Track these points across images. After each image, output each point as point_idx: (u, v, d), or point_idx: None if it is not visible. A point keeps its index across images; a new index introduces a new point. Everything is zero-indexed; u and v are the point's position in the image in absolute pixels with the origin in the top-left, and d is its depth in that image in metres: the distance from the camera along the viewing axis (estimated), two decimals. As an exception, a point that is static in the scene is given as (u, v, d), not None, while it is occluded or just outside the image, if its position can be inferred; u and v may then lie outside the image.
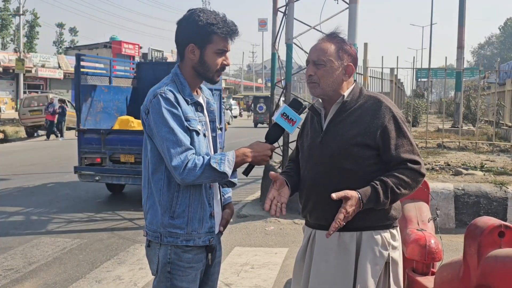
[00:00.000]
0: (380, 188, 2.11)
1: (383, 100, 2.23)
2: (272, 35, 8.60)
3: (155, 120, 2.11)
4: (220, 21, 2.18)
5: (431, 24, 48.85)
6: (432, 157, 8.79)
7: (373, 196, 2.11)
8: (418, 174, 2.16)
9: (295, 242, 5.79)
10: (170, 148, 2.06)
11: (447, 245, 5.01)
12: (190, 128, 2.14)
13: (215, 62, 2.21)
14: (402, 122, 2.21)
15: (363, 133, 2.17)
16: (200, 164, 2.06)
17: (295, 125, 2.26)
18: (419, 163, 2.17)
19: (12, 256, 5.39)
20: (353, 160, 2.17)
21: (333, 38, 2.27)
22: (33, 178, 10.59)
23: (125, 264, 5.12)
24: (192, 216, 2.19)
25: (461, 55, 14.33)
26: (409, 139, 2.19)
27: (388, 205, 2.16)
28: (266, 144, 2.23)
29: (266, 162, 2.23)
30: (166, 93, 2.13)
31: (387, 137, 2.16)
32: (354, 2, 7.23)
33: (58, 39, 54.28)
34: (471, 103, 16.98)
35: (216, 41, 2.18)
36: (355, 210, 2.12)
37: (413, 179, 2.15)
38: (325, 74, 2.23)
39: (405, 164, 2.15)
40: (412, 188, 2.17)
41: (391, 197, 2.13)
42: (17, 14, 35.78)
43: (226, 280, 4.60)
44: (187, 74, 2.23)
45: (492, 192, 6.26)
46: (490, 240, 2.15)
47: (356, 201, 2.10)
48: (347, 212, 2.10)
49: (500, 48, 78.56)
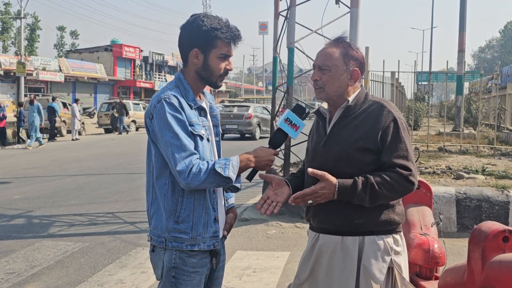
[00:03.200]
0: (360, 181, 2.10)
1: (386, 105, 2.23)
2: (273, 39, 8.62)
3: (159, 125, 2.11)
4: (223, 26, 2.19)
5: (432, 28, 48.95)
6: (433, 161, 8.79)
7: (351, 187, 2.10)
8: (405, 180, 2.12)
9: (297, 246, 5.79)
10: (174, 153, 2.06)
11: (449, 249, 5.00)
12: (194, 132, 2.15)
13: (218, 66, 2.22)
14: (402, 128, 2.19)
15: (365, 137, 2.17)
16: (204, 169, 2.07)
17: (299, 130, 2.27)
18: (409, 170, 2.13)
19: (14, 259, 5.39)
20: (354, 165, 2.17)
21: (339, 43, 2.28)
22: (34, 181, 10.59)
23: (127, 267, 5.12)
24: (197, 221, 2.19)
25: (462, 58, 14.36)
26: (405, 145, 2.17)
27: (368, 203, 2.12)
28: (269, 149, 2.24)
29: (269, 167, 2.24)
30: (170, 98, 2.13)
31: (384, 140, 2.16)
32: (355, 6, 7.24)
33: (59, 42, 54.32)
34: (472, 106, 17.00)
35: (220, 46, 2.19)
36: (326, 195, 2.12)
37: (398, 183, 2.11)
38: (330, 79, 2.24)
39: (394, 168, 2.13)
40: (397, 192, 2.13)
41: (370, 193, 2.09)
42: (18, 17, 35.79)
43: (228, 284, 4.60)
44: (191, 79, 2.24)
45: (494, 196, 6.26)
46: (494, 245, 2.16)
47: (331, 187, 2.11)
48: (316, 192, 2.11)
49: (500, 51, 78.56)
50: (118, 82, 46.76)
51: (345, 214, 2.19)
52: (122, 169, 12.41)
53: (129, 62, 49.29)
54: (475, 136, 11.84)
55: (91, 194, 9.08)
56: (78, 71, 41.94)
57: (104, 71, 45.16)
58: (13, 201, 8.49)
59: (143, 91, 48.93)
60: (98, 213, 7.60)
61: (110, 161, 14.01)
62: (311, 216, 2.33)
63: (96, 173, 11.77)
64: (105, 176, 11.38)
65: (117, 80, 46.52)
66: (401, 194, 2.17)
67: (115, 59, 47.17)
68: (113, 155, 15.66)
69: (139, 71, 50.80)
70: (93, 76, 43.19)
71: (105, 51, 47.71)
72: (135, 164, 12.89)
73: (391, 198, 2.18)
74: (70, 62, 42.67)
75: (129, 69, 49.32)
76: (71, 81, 40.94)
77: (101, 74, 44.52)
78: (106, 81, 44.94)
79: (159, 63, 52.74)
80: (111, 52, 47.17)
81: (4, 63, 34.89)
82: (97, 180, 10.81)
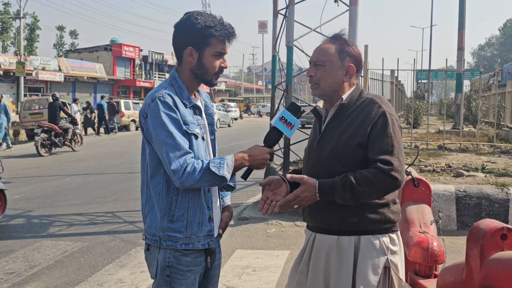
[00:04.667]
0: (340, 181, 2.10)
1: (377, 101, 2.21)
2: (272, 38, 8.61)
3: (153, 124, 2.10)
4: (217, 23, 2.19)
5: (431, 26, 48.96)
6: (433, 159, 8.79)
7: (330, 187, 2.11)
8: (386, 175, 2.05)
9: (296, 245, 5.78)
10: (169, 152, 2.06)
11: (449, 247, 5.00)
12: (189, 131, 2.14)
13: (213, 64, 2.21)
14: (392, 123, 2.15)
15: (355, 134, 2.16)
16: (199, 168, 2.06)
17: (294, 129, 2.26)
18: (391, 165, 2.06)
19: (14, 259, 5.39)
20: (346, 163, 2.15)
21: (335, 39, 2.28)
22: (34, 181, 10.59)
23: (127, 267, 5.11)
24: (191, 220, 2.19)
25: (461, 56, 14.36)
26: (391, 140, 2.11)
27: (351, 201, 2.10)
28: (264, 148, 2.23)
29: (264, 166, 2.23)
30: (164, 96, 2.12)
31: (372, 134, 2.13)
32: (354, 4, 7.24)
33: (59, 42, 54.26)
34: (472, 104, 17.00)
35: (215, 44, 2.19)
36: (309, 197, 2.13)
37: (378, 179, 2.06)
38: (324, 75, 2.24)
39: (375, 163, 2.09)
40: (378, 188, 2.09)
41: (351, 192, 2.07)
42: (18, 17, 35.85)
43: (228, 283, 4.60)
44: (185, 77, 2.24)
45: (494, 193, 6.25)
46: (492, 242, 2.15)
47: (312, 189, 2.12)
48: (298, 196, 2.13)
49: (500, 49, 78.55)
50: (117, 81, 46.74)
51: (339, 213, 2.18)
52: (121, 168, 12.40)
53: (128, 62, 49.25)
54: (475, 134, 11.83)
55: (90, 194, 9.08)
56: (78, 70, 41.93)
57: (103, 71, 45.15)
58: (12, 201, 8.48)
59: (142, 91, 48.90)
60: (98, 213, 7.60)
61: (110, 161, 14.01)
62: (307, 215, 2.34)
63: (95, 173, 11.77)
64: (105, 175, 11.38)
65: (116, 80, 46.50)
66: (384, 190, 2.12)
67: (114, 58, 47.15)
68: (113, 155, 15.65)
69: (139, 71, 50.78)
70: (92, 75, 43.18)
71: (105, 50, 47.69)
72: (134, 164, 12.87)
73: (374, 196, 2.14)
74: (69, 61, 42.65)
75: (128, 68, 49.31)
76: (70, 81, 40.91)
77: (100, 73, 44.50)
78: (105, 80, 44.92)
79: (158, 62, 52.70)
80: (110, 52, 47.15)
81: (4, 63, 34.87)
82: (97, 179, 10.81)
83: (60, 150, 16.66)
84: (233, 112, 39.45)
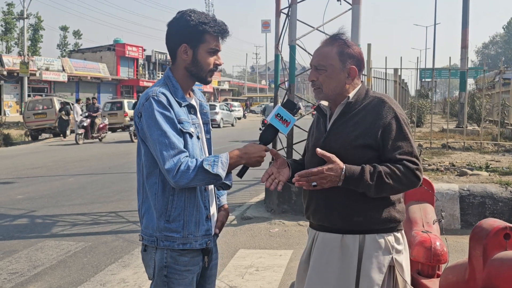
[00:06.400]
0: (368, 168, 2.08)
1: (387, 101, 2.20)
2: (275, 37, 8.60)
3: (147, 123, 2.09)
4: (211, 20, 2.19)
5: (435, 24, 48.81)
6: (437, 158, 8.76)
7: (358, 173, 2.07)
8: (412, 173, 2.10)
9: (299, 244, 5.77)
10: (163, 151, 2.05)
11: (452, 246, 4.98)
12: (183, 130, 2.13)
13: (207, 61, 2.21)
14: (404, 123, 2.17)
15: (365, 134, 2.15)
16: (193, 167, 2.05)
17: (289, 126, 2.24)
18: (416, 164, 2.12)
19: (17, 259, 5.40)
20: (353, 162, 2.13)
21: (335, 40, 2.25)
22: (37, 181, 10.61)
23: (130, 267, 5.12)
24: (188, 219, 2.18)
25: (465, 55, 14.31)
26: (409, 142, 2.15)
27: (373, 192, 2.09)
28: (260, 146, 2.21)
29: (260, 163, 2.21)
30: (159, 95, 2.11)
31: (387, 137, 2.13)
32: (357, 3, 7.21)
33: (62, 42, 54.48)
34: (476, 103, 16.93)
35: (209, 40, 2.19)
36: (332, 178, 2.08)
37: (405, 175, 2.09)
38: (326, 79, 2.22)
39: (402, 161, 2.11)
40: (403, 184, 2.10)
41: (377, 182, 2.07)
42: (21, 18, 35.97)
43: (230, 282, 4.59)
44: (180, 76, 2.23)
45: (498, 192, 6.22)
46: (495, 242, 2.14)
47: (338, 170, 2.07)
48: (322, 172, 2.07)
49: (504, 47, 78.34)
50: (121, 81, 46.85)
51: (344, 212, 2.17)
52: (125, 168, 12.40)
53: (132, 62, 49.38)
54: (478, 133, 11.78)
55: (94, 194, 9.09)
56: (81, 71, 42.05)
57: (107, 71, 45.26)
58: (16, 201, 8.51)
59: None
60: (101, 213, 7.61)
61: (113, 161, 14.02)
62: (311, 213, 2.32)
63: (99, 173, 11.79)
64: (108, 175, 11.39)
65: (120, 80, 46.62)
66: (407, 187, 2.14)
67: (118, 58, 47.27)
68: (116, 155, 15.67)
69: (142, 70, 50.90)
70: (96, 75, 43.29)
71: (108, 50, 47.83)
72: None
73: (396, 191, 2.15)
74: (73, 62, 42.79)
75: (132, 68, 49.43)
76: (74, 81, 41.03)
77: (104, 73, 44.62)
78: (109, 80, 45.03)
79: (162, 62, 52.80)
80: (114, 52, 47.28)
81: (8, 64, 34.99)
82: (100, 179, 10.82)
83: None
84: (236, 111, 39.45)
